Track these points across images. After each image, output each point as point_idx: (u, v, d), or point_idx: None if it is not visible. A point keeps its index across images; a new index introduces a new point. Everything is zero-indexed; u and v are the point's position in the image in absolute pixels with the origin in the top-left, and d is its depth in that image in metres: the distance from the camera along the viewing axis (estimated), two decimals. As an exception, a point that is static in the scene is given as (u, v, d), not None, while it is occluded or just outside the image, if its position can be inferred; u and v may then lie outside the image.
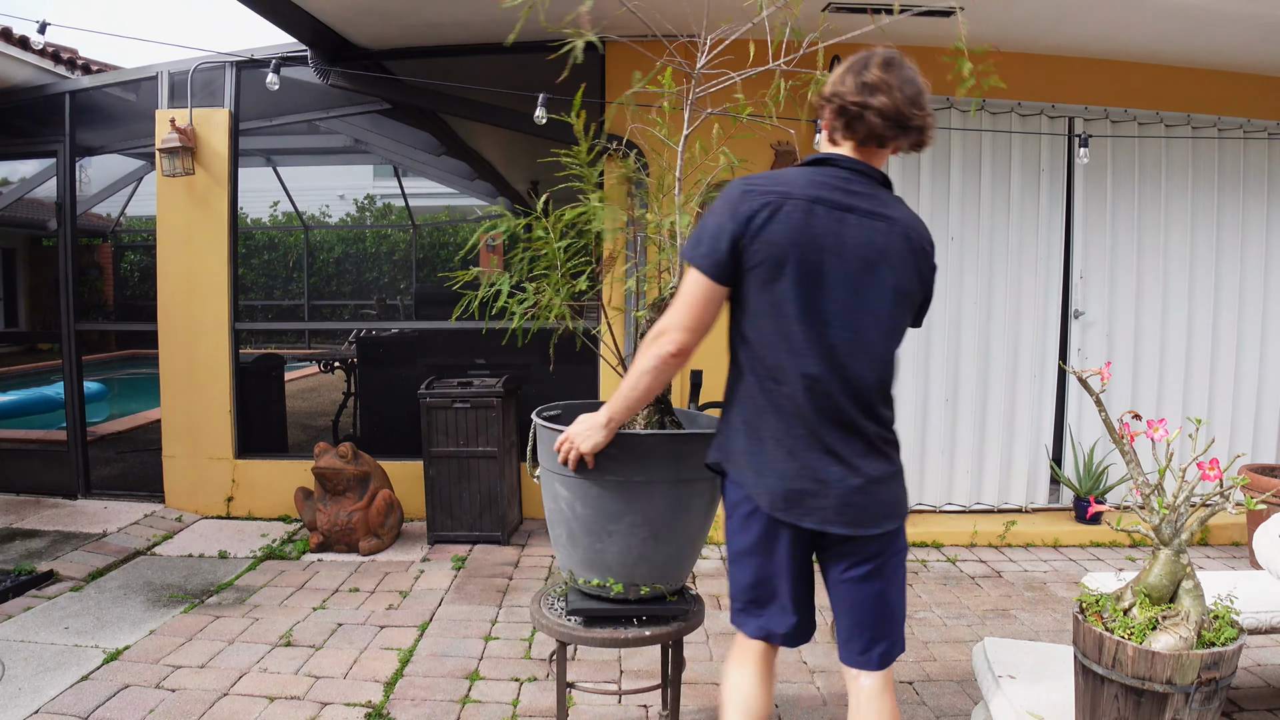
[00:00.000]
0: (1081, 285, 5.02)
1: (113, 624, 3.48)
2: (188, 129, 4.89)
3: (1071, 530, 4.82)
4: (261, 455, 5.18)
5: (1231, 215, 5.07)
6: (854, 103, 1.81)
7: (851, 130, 1.85)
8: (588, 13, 1.93)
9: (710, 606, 3.78)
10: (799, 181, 1.84)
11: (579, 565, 2.25)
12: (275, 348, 7.95)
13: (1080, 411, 5.07)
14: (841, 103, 1.83)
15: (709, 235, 1.83)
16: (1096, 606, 1.80)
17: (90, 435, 5.46)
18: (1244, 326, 5.12)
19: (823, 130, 1.95)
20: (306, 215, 8.84)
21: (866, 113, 1.80)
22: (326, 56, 4.66)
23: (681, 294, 1.86)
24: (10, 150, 5.61)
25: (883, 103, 1.78)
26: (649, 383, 1.94)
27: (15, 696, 2.84)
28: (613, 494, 2.12)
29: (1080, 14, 4.19)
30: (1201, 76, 4.98)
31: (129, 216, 8.01)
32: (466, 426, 4.52)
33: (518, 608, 3.74)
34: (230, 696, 2.91)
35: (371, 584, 4.02)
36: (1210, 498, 1.76)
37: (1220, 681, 1.63)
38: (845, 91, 1.82)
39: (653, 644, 2.25)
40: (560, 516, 2.21)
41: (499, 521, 4.59)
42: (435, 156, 6.78)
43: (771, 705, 2.01)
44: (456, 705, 2.88)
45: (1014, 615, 3.74)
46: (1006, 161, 4.92)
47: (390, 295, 8.74)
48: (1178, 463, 1.79)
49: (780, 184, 1.84)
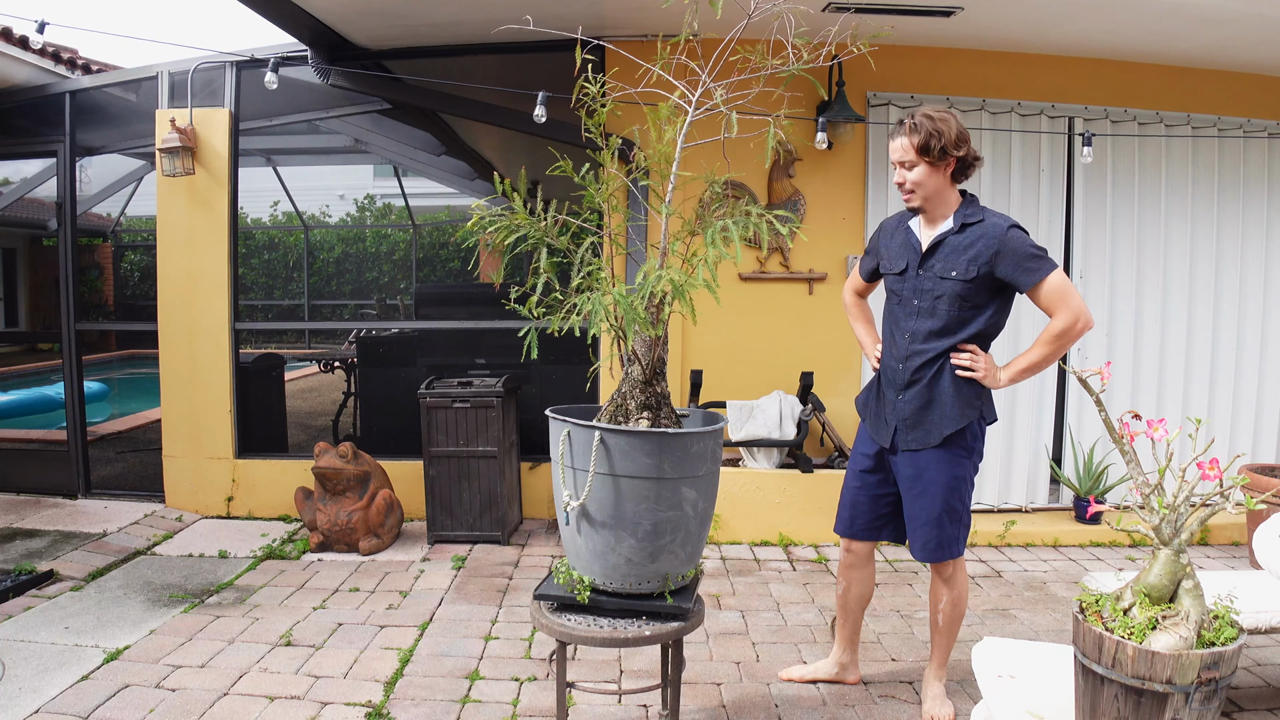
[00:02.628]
0: (1081, 285, 5.01)
1: (113, 624, 3.49)
2: (188, 129, 4.89)
3: (1071, 530, 4.82)
4: (261, 455, 5.18)
5: (1231, 215, 5.08)
6: (976, 157, 2.62)
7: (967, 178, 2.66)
8: (587, 13, 1.93)
9: (710, 606, 3.78)
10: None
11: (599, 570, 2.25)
12: (275, 348, 7.96)
13: (1080, 411, 5.07)
14: (975, 156, 2.61)
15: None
16: (1096, 606, 1.80)
17: (90, 435, 5.46)
18: (1244, 326, 5.12)
19: (946, 171, 2.60)
20: (306, 215, 8.84)
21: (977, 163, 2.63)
22: (326, 56, 4.66)
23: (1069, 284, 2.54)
24: (10, 150, 5.61)
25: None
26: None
27: (15, 696, 2.84)
28: (640, 491, 2.14)
29: (1080, 14, 4.19)
30: (1201, 76, 4.98)
31: (129, 216, 8.01)
32: (466, 426, 4.52)
33: (518, 608, 3.74)
34: (230, 696, 2.91)
35: (371, 584, 4.02)
36: (1210, 498, 1.76)
37: (1220, 681, 1.63)
38: (974, 150, 2.61)
39: (653, 644, 2.25)
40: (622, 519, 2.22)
41: (499, 521, 4.59)
42: (435, 156, 6.78)
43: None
44: (456, 705, 2.88)
45: (1014, 615, 3.74)
46: (1006, 161, 4.92)
47: (390, 295, 8.74)
48: (1178, 463, 1.79)
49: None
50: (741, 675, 3.12)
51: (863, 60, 2.51)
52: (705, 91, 2.29)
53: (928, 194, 2.61)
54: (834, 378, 4.96)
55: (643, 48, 2.71)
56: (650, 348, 2.29)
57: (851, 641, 3.02)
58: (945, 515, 2.68)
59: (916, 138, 2.55)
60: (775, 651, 3.34)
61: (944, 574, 2.78)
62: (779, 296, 4.96)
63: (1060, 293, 2.51)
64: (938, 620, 2.81)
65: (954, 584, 2.77)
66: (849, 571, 2.94)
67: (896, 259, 2.76)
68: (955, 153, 2.55)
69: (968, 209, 2.64)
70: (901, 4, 4.04)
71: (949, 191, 2.64)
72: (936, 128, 2.53)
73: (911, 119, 2.58)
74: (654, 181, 2.37)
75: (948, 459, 2.66)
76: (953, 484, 2.67)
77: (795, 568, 4.33)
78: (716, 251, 2.14)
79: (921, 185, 2.60)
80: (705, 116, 2.32)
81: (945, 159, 2.56)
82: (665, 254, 2.28)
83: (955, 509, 2.69)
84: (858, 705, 2.90)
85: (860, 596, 2.95)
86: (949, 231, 2.62)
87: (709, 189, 2.41)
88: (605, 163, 2.33)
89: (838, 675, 3.04)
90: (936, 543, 2.69)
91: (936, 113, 2.56)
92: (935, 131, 2.53)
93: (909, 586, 4.07)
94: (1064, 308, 2.51)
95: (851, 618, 2.99)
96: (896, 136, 2.62)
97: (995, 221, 2.57)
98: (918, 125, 2.55)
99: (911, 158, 2.58)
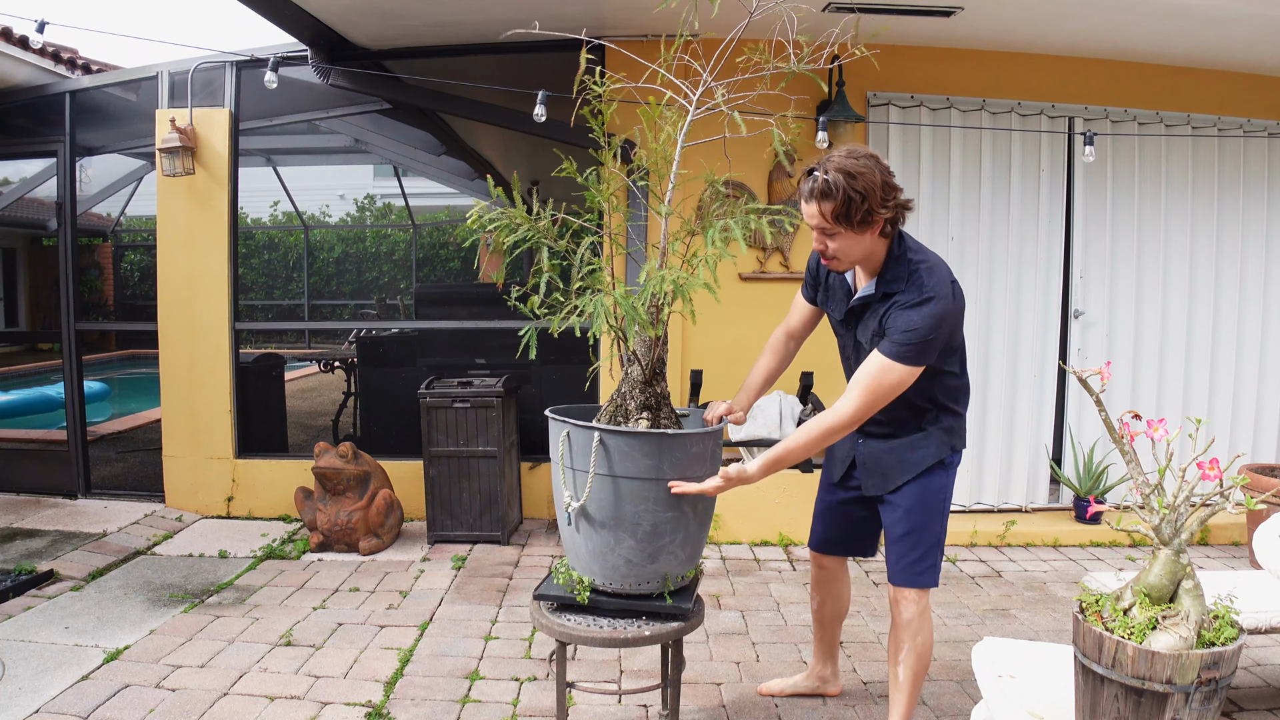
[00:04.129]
0: (1081, 285, 5.02)
1: (113, 623, 3.48)
2: (188, 129, 4.89)
3: (1071, 530, 4.82)
4: (261, 455, 5.18)
5: (1231, 215, 5.07)
6: (906, 206, 2.23)
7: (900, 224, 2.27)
8: (587, 13, 1.94)
9: (710, 606, 3.78)
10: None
11: (598, 570, 2.26)
12: (275, 347, 7.97)
13: (1080, 411, 5.07)
14: (906, 206, 2.22)
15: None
16: (1096, 606, 1.80)
17: (90, 435, 5.46)
18: (1244, 326, 5.13)
19: (874, 234, 2.21)
20: (306, 215, 8.85)
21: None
22: (326, 56, 4.66)
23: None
24: (10, 150, 5.61)
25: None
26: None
27: (15, 696, 2.84)
28: (641, 493, 2.15)
29: (1080, 14, 4.19)
30: (1201, 76, 4.98)
31: (129, 216, 8.02)
32: (466, 426, 4.52)
33: (518, 608, 3.74)
34: (230, 696, 2.91)
35: (371, 584, 4.02)
36: (1210, 498, 1.76)
37: (1220, 681, 1.63)
38: (906, 197, 2.22)
39: (653, 644, 2.25)
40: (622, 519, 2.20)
41: (499, 521, 4.59)
42: (435, 156, 6.78)
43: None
44: (456, 705, 2.88)
45: (1014, 615, 3.74)
46: (1006, 161, 4.92)
47: (390, 295, 8.75)
48: (1178, 463, 1.79)
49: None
50: (741, 675, 3.12)
51: (863, 60, 2.45)
52: (706, 91, 2.29)
53: (854, 260, 2.25)
54: (834, 378, 4.92)
55: (643, 47, 2.71)
56: (650, 348, 2.28)
57: (829, 654, 2.91)
58: (918, 532, 2.40)
59: (829, 204, 2.11)
60: (775, 651, 3.34)
61: (903, 614, 2.41)
62: (779, 296, 4.96)
63: (881, 385, 2.15)
64: (897, 674, 2.42)
65: (913, 630, 2.39)
66: (822, 588, 2.78)
67: (836, 304, 2.46)
68: (882, 212, 2.14)
69: (893, 270, 2.24)
70: (901, 4, 4.04)
71: (879, 247, 2.24)
72: (855, 188, 2.08)
73: (824, 175, 2.10)
74: (654, 182, 2.37)
75: (919, 478, 2.43)
76: (927, 495, 2.41)
77: (795, 568, 4.33)
78: (717, 251, 2.14)
79: (845, 253, 2.21)
80: (705, 116, 2.32)
81: (871, 222, 2.14)
82: (665, 254, 2.28)
83: (928, 525, 2.40)
84: (858, 705, 2.90)
85: (836, 612, 2.82)
86: (870, 297, 2.30)
87: (709, 188, 2.41)
88: (606, 163, 2.32)
89: (817, 688, 2.93)
90: (907, 562, 2.41)
91: (853, 163, 2.10)
92: (856, 194, 2.08)
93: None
94: (865, 397, 2.16)
95: (828, 632, 2.86)
96: (807, 201, 2.17)
97: (916, 286, 2.19)
98: (831, 188, 2.09)
99: (829, 226, 2.16)
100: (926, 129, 4.85)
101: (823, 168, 2.12)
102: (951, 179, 4.88)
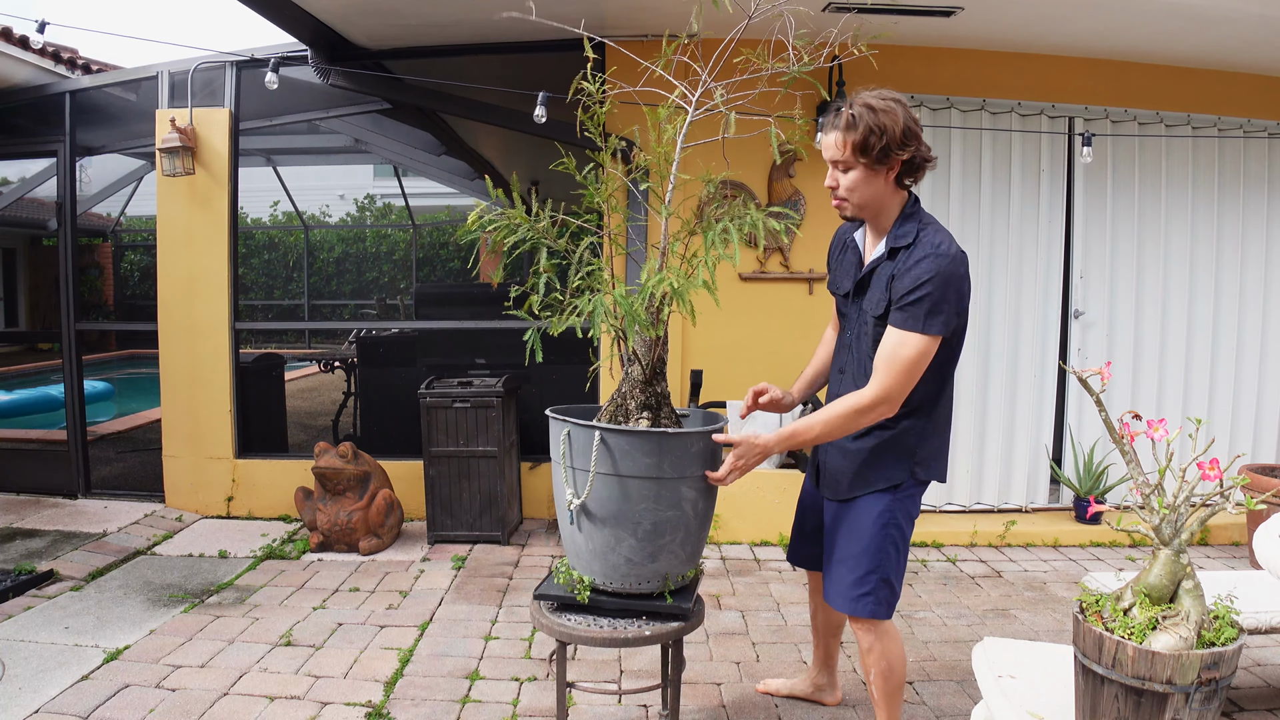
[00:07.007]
0: (1081, 285, 5.02)
1: (113, 623, 3.48)
2: (188, 129, 4.89)
3: (1071, 530, 4.82)
4: (261, 455, 5.18)
5: (1231, 215, 5.08)
6: (927, 156, 2.16)
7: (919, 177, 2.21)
8: (587, 13, 1.94)
9: (710, 606, 3.78)
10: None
11: (599, 570, 2.25)
12: (275, 347, 7.97)
13: (1080, 411, 5.07)
14: (925, 156, 2.15)
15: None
16: (1096, 606, 1.80)
17: (90, 435, 5.46)
18: (1244, 326, 5.13)
19: (889, 176, 2.16)
20: (306, 215, 8.85)
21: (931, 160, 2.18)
22: (326, 56, 4.66)
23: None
24: (10, 150, 5.61)
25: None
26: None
27: (15, 696, 2.84)
28: (641, 490, 2.15)
29: (1080, 14, 4.19)
30: (1201, 76, 4.98)
31: (129, 216, 8.02)
32: (466, 426, 4.52)
33: (518, 608, 3.74)
34: (230, 696, 2.91)
35: (371, 584, 4.02)
36: (1210, 498, 1.76)
37: (1220, 681, 1.63)
38: (925, 146, 2.14)
39: (653, 644, 2.25)
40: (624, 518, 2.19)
41: (499, 521, 4.59)
42: (435, 156, 6.78)
43: None
44: (456, 705, 2.88)
45: (1014, 615, 3.74)
46: (1006, 161, 4.92)
47: (390, 295, 8.75)
48: (1178, 463, 1.79)
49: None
50: (741, 675, 3.12)
51: (862, 60, 2.45)
52: (705, 91, 2.29)
53: (861, 202, 2.19)
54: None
55: (643, 47, 2.71)
56: (650, 348, 2.28)
57: (826, 663, 2.87)
58: (864, 555, 2.25)
59: (853, 135, 2.09)
60: (775, 652, 3.34)
61: (861, 643, 2.31)
62: (779, 296, 4.96)
63: (899, 359, 2.07)
64: (873, 693, 2.37)
65: (875, 656, 2.30)
66: (815, 597, 2.72)
67: (843, 278, 2.38)
68: (899, 154, 2.09)
69: (902, 225, 2.18)
70: (901, 4, 4.04)
71: (890, 199, 2.19)
72: (879, 122, 2.07)
73: (849, 109, 2.11)
74: (654, 182, 2.37)
75: (870, 496, 2.30)
76: (876, 519, 2.26)
77: (795, 568, 4.33)
78: (716, 253, 2.14)
79: (855, 192, 2.16)
80: (705, 116, 2.32)
81: (887, 161, 2.10)
82: (665, 254, 2.27)
83: (868, 550, 2.24)
84: (859, 705, 2.90)
85: (828, 623, 2.76)
86: (880, 259, 2.21)
87: (708, 189, 2.41)
88: (605, 163, 2.32)
89: (813, 695, 2.89)
90: (845, 584, 2.26)
91: (880, 102, 2.10)
92: (877, 127, 2.07)
93: (909, 586, 4.07)
94: (886, 376, 2.08)
95: (823, 641, 2.82)
96: (829, 130, 2.15)
97: (926, 242, 2.12)
98: (856, 119, 2.08)
99: (846, 157, 2.13)
100: (926, 129, 4.85)
101: (849, 101, 2.15)
102: (951, 179, 4.88)
